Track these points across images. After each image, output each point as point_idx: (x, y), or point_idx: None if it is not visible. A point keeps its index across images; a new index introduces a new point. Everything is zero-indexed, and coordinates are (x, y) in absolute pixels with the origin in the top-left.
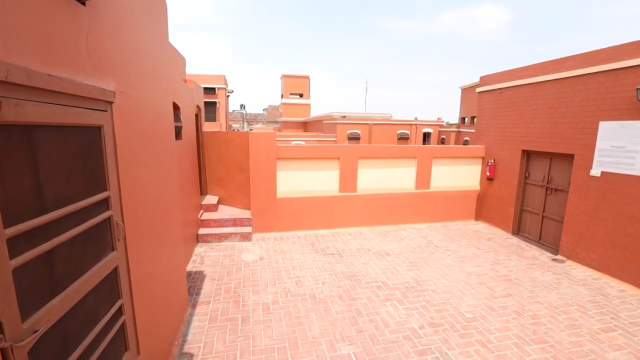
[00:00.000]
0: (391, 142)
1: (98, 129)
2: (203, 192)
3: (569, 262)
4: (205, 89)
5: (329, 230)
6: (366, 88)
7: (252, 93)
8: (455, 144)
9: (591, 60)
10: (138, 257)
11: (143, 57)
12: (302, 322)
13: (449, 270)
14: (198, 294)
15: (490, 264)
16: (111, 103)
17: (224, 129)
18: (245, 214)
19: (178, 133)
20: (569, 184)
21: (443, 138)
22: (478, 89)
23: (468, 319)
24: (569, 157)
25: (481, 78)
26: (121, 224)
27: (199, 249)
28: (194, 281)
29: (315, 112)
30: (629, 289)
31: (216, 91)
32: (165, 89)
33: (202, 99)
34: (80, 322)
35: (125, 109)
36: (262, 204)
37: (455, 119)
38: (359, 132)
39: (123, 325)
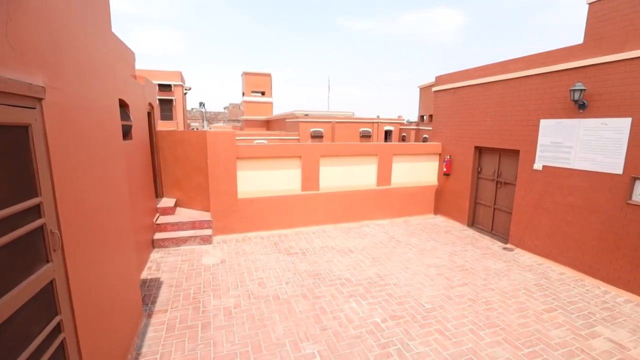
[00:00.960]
0: (354, 139)
1: (25, 128)
2: (159, 194)
3: (517, 250)
4: (160, 85)
5: (293, 230)
6: (329, 86)
7: (212, 91)
8: (415, 141)
9: (531, 63)
10: (79, 267)
11: (80, 49)
12: (265, 324)
13: (410, 264)
14: (154, 302)
15: (448, 255)
16: (41, 100)
17: (181, 128)
18: (204, 216)
19: (127, 132)
20: (516, 177)
21: (404, 135)
22: (434, 88)
23: (428, 310)
24: (515, 153)
25: (436, 78)
26: (57, 232)
27: (155, 254)
28: (150, 289)
29: (278, 110)
30: (568, 271)
31: (172, 88)
32: (109, 85)
33: (155, 97)
34: (9, 344)
35: (59, 106)
36: (222, 205)
37: (415, 117)
38: (321, 130)
39: (63, 344)
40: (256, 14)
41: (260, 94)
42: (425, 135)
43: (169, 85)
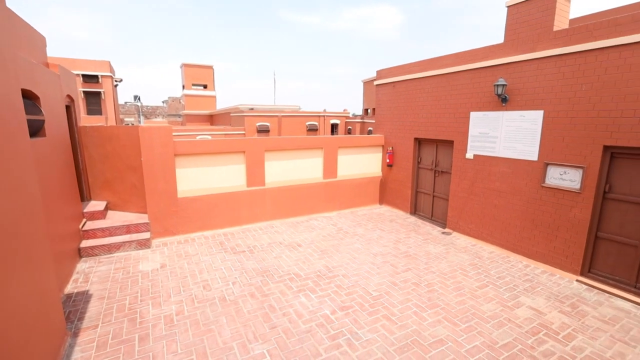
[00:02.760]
0: (301, 133)
1: None
2: (86, 197)
3: (454, 234)
4: (85, 76)
5: (239, 227)
6: (274, 79)
7: (149, 83)
8: (361, 133)
9: (461, 59)
10: None
11: None
12: (211, 329)
13: (357, 254)
14: (81, 318)
15: (393, 243)
16: None
17: (112, 124)
18: (141, 218)
19: (39, 129)
20: (451, 166)
21: (349, 128)
22: (375, 82)
23: (375, 297)
24: (450, 143)
25: (377, 72)
26: None
27: (83, 264)
28: (76, 304)
29: (222, 104)
30: (496, 250)
31: (100, 79)
32: (5, 73)
33: (75, 88)
34: None
35: None
36: (160, 206)
37: (360, 111)
38: (268, 124)
39: None
40: (196, 4)
41: (202, 87)
42: (370, 128)
43: (96, 76)
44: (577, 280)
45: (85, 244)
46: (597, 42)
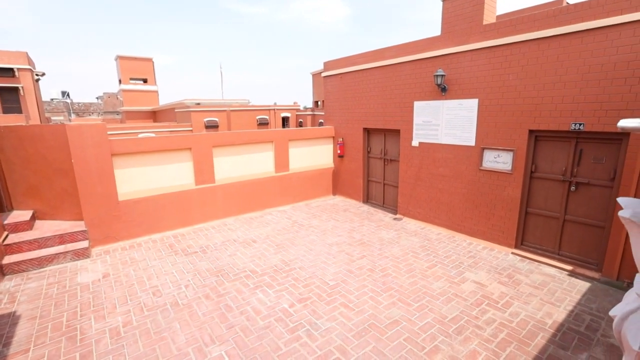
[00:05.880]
0: (251, 127)
1: None
2: (6, 207)
3: (405, 219)
4: None
5: (190, 228)
6: (221, 73)
7: (80, 78)
8: (312, 126)
9: (404, 51)
10: None
11: None
12: (163, 337)
13: (313, 246)
14: (8, 344)
15: (348, 232)
16: None
17: (36, 122)
18: (77, 226)
19: None
20: (399, 154)
21: (300, 121)
22: (323, 74)
23: (332, 287)
24: (397, 132)
25: (324, 64)
26: None
27: (7, 283)
28: (0, 328)
29: (166, 99)
30: (443, 231)
31: (16, 73)
32: None
33: None
34: None
35: None
36: (99, 211)
37: (310, 103)
38: (216, 119)
39: None
40: None
41: (141, 82)
42: (320, 120)
43: (11, 69)
44: (512, 253)
45: (8, 259)
46: (520, 36)
